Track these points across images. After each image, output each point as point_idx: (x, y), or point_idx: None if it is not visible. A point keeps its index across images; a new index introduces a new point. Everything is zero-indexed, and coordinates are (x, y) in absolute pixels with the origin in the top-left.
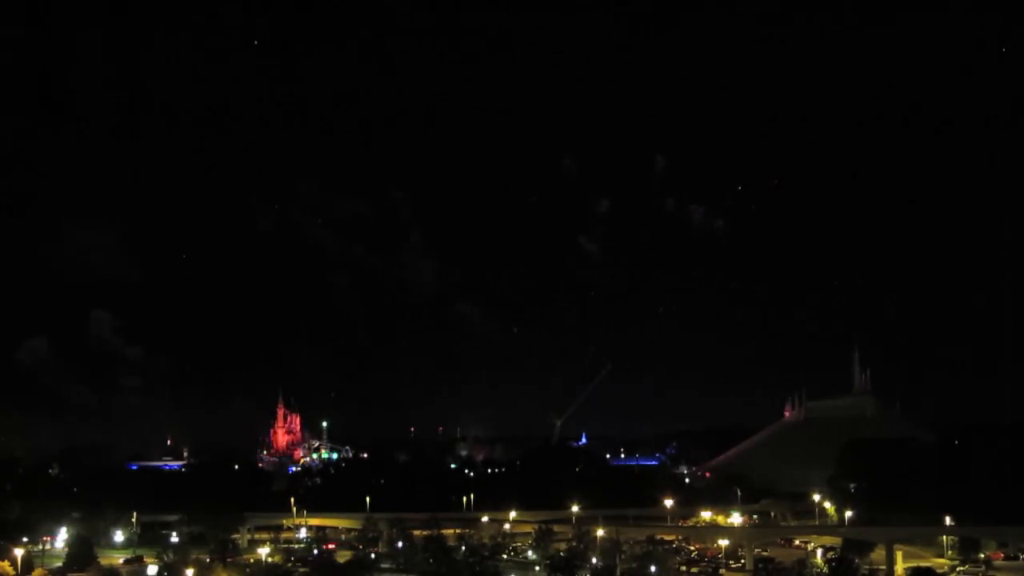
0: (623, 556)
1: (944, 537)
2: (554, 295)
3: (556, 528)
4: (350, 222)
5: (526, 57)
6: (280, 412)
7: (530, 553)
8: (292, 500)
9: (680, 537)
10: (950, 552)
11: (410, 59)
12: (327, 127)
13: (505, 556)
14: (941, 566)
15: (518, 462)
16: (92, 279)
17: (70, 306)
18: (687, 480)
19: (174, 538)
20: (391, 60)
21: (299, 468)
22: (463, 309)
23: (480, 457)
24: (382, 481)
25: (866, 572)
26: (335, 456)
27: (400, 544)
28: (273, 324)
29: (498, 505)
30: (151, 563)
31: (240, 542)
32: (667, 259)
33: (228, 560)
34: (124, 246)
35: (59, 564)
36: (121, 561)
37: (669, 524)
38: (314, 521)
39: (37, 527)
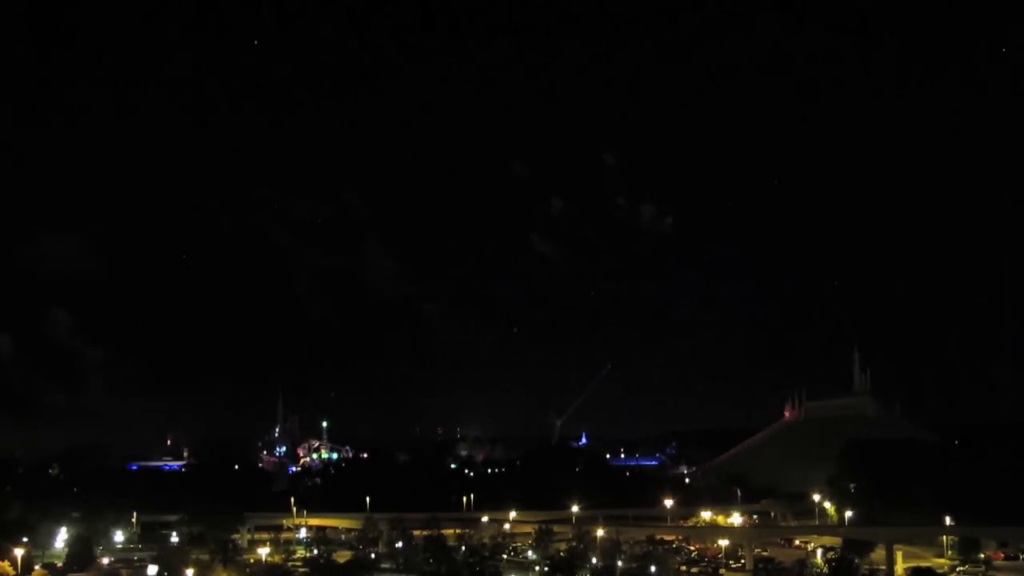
0: (623, 556)
1: (944, 537)
2: (554, 296)
3: (556, 528)
4: (346, 226)
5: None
6: (280, 412)
7: (530, 553)
8: (292, 500)
9: (680, 537)
10: (950, 552)
11: (372, 63)
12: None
13: (505, 556)
14: (941, 566)
15: (518, 462)
16: (91, 281)
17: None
18: (687, 480)
19: (174, 538)
20: (352, 65)
21: (299, 468)
22: (464, 311)
23: (480, 457)
24: (382, 481)
25: (866, 572)
26: (335, 456)
27: (400, 544)
28: (273, 325)
29: (498, 505)
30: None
31: (240, 542)
32: (667, 259)
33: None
34: (107, 248)
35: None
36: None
37: (669, 524)
38: (314, 521)
39: (37, 527)
